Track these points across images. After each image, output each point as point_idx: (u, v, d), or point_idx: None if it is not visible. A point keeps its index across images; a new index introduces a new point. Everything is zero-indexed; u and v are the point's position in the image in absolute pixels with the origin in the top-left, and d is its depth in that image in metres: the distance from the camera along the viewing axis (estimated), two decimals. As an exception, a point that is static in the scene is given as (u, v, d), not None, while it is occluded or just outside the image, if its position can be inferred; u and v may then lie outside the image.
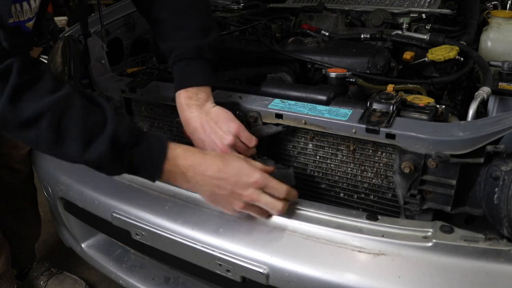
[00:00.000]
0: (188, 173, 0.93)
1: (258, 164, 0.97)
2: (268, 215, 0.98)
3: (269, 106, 1.07)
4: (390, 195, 1.04)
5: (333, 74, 1.15)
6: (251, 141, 1.04)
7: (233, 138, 1.03)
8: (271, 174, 0.97)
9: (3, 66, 0.78)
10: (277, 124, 1.08)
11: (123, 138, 0.87)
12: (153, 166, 0.91)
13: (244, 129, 1.04)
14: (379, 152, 1.01)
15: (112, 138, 0.85)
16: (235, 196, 0.94)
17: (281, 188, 0.95)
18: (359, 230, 0.92)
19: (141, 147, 0.90)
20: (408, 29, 1.45)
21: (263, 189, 0.94)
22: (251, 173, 0.93)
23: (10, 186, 1.64)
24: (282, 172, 1.05)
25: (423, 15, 1.57)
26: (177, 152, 0.92)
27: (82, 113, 0.85)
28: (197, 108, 1.06)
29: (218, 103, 1.09)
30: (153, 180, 0.95)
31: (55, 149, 0.85)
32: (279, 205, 0.95)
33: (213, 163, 0.93)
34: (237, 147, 1.05)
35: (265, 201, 0.94)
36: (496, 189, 0.82)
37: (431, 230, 0.88)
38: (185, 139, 1.13)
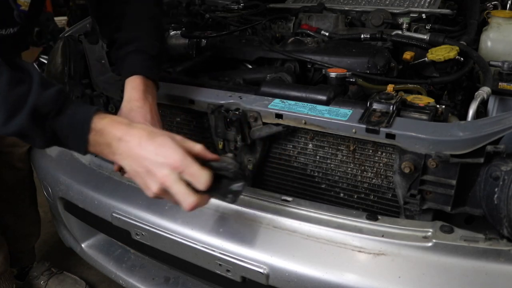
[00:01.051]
0: (113, 143, 0.87)
1: (189, 144, 0.87)
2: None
3: (269, 106, 1.07)
4: (390, 195, 1.04)
5: (333, 74, 1.15)
6: None
7: None
8: (214, 163, 0.87)
9: None
10: (277, 124, 1.07)
11: (45, 108, 0.84)
12: (77, 137, 0.87)
13: None
14: (379, 152, 1.01)
15: (32, 110, 0.83)
16: (150, 176, 0.84)
17: (202, 178, 0.82)
18: (359, 230, 0.92)
19: (66, 116, 0.86)
20: (408, 29, 1.45)
21: (181, 173, 0.82)
22: (171, 152, 0.83)
23: (10, 184, 1.64)
24: (225, 160, 0.89)
25: (423, 15, 1.57)
26: (104, 122, 0.88)
27: (7, 86, 0.83)
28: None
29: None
30: (81, 152, 0.89)
31: None
32: (190, 199, 0.82)
33: (136, 135, 0.87)
34: None
35: (176, 189, 0.82)
36: (496, 189, 0.82)
37: (431, 230, 0.88)
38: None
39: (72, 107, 0.88)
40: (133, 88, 1.07)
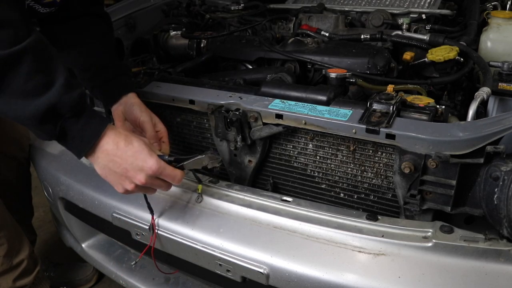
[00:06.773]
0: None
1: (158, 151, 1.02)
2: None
3: (269, 107, 1.07)
4: (390, 195, 1.04)
5: (333, 75, 1.16)
6: None
7: None
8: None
9: None
10: (277, 125, 1.08)
11: (64, 109, 0.87)
12: (83, 143, 0.92)
13: None
14: (379, 153, 1.01)
15: (51, 107, 0.85)
16: (127, 176, 0.94)
17: (176, 177, 0.97)
18: (359, 230, 0.92)
19: (80, 122, 0.90)
20: (408, 30, 1.45)
21: (157, 176, 0.95)
22: (148, 158, 0.93)
23: (3, 174, 1.58)
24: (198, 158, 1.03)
25: (423, 16, 1.57)
26: (107, 140, 0.93)
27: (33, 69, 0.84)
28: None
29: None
30: (79, 156, 0.94)
31: None
32: (169, 187, 1.00)
33: (115, 138, 0.93)
34: None
35: (158, 184, 0.97)
36: (496, 190, 0.82)
37: (431, 230, 0.88)
38: (185, 142, 1.12)
39: (88, 114, 0.92)
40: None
